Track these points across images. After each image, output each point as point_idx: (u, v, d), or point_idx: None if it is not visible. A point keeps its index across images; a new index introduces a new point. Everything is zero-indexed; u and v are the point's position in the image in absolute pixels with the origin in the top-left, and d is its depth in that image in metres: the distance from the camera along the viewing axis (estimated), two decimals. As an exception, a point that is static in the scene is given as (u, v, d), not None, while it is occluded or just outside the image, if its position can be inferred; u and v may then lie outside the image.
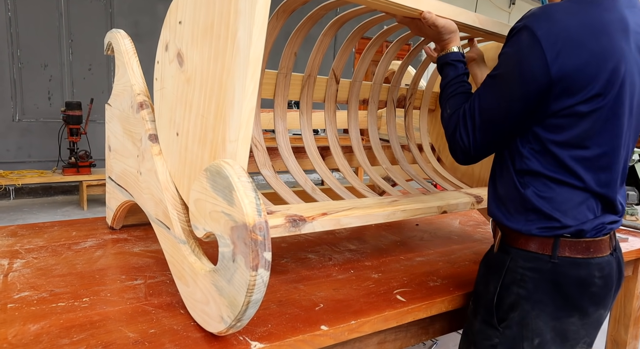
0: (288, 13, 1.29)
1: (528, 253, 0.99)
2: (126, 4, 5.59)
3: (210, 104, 0.93)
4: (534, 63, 0.90)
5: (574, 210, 0.96)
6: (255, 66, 0.83)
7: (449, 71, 1.13)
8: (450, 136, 1.05)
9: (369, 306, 1.09)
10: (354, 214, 1.10)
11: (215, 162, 0.86)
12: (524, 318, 0.99)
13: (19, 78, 5.14)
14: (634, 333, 1.82)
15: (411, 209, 1.23)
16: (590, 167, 0.96)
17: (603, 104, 0.92)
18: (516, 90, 0.93)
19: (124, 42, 1.32)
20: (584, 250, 0.97)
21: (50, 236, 1.50)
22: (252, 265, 0.75)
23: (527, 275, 0.99)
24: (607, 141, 0.95)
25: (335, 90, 1.60)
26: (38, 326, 0.93)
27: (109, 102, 1.43)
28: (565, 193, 0.96)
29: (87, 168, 4.88)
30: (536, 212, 0.98)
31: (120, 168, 1.36)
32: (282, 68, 1.45)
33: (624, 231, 1.82)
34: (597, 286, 0.98)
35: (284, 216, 0.99)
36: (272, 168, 1.30)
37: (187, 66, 1.00)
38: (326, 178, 1.41)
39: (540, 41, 0.89)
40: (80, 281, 1.16)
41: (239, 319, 0.82)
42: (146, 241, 1.49)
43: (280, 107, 1.48)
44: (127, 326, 0.94)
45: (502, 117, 0.96)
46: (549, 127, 0.94)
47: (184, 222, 1.02)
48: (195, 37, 0.97)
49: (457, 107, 1.06)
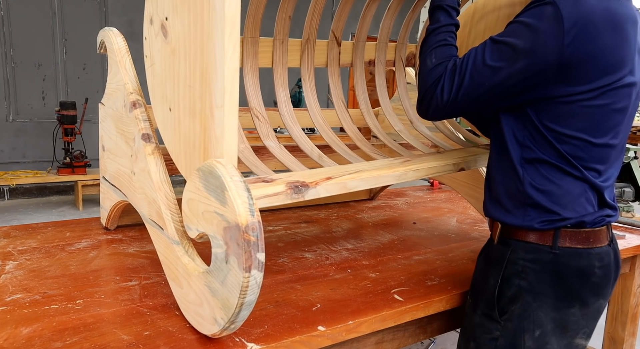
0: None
1: (528, 244, 0.99)
2: (120, 3, 5.56)
3: (195, 72, 0.91)
4: (549, 40, 0.87)
5: (573, 203, 0.96)
6: (233, 24, 0.80)
7: (441, 16, 1.07)
8: (429, 88, 1.00)
9: (367, 306, 1.08)
10: (361, 177, 1.04)
11: (207, 162, 0.84)
12: (525, 310, 0.98)
13: (12, 78, 5.10)
14: (631, 330, 1.82)
15: (424, 168, 1.16)
16: (589, 158, 0.95)
17: (606, 98, 0.91)
18: (521, 61, 0.89)
19: (117, 40, 1.30)
20: (584, 240, 0.97)
21: (44, 237, 1.48)
22: (245, 266, 0.74)
23: (528, 267, 0.98)
24: (607, 135, 0.95)
25: (338, 53, 1.53)
26: (30, 329, 0.92)
27: (102, 101, 1.42)
28: (563, 185, 0.95)
29: (82, 168, 4.85)
30: (535, 207, 0.97)
31: (114, 168, 1.35)
32: (278, 34, 1.39)
33: (621, 228, 1.82)
34: (597, 276, 0.98)
35: (284, 183, 0.94)
36: (275, 139, 1.25)
37: (170, 36, 0.97)
38: (333, 144, 1.34)
39: (563, 20, 0.86)
40: (74, 282, 1.15)
41: (232, 322, 0.81)
42: (141, 241, 1.47)
43: (280, 75, 1.42)
44: (121, 329, 0.93)
45: (494, 84, 0.93)
46: (547, 113, 0.93)
47: (178, 222, 1.01)
48: (175, 4, 0.94)
49: (444, 59, 1.01)
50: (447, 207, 2.14)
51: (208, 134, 0.89)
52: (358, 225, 1.73)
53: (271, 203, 0.91)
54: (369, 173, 1.07)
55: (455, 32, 1.08)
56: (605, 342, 1.88)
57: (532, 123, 0.95)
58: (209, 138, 0.89)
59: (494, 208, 1.05)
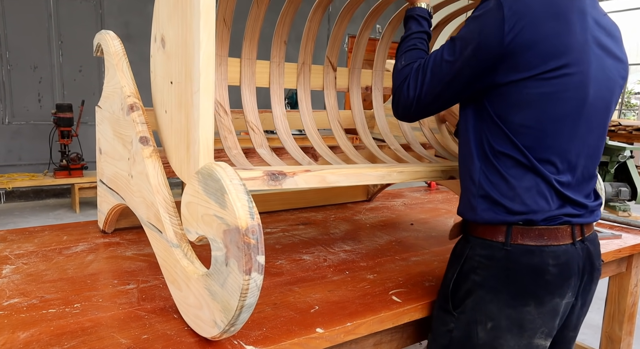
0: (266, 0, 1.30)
1: (484, 240, 1.01)
2: (116, 5, 5.55)
3: (182, 68, 0.97)
4: (492, 30, 0.92)
5: (522, 196, 0.96)
6: (207, 14, 0.87)
7: (412, 25, 1.15)
8: (398, 87, 1.06)
9: (365, 308, 1.08)
10: (342, 172, 1.07)
11: (206, 165, 0.84)
12: (478, 303, 1.00)
13: (8, 81, 5.08)
14: (628, 329, 1.83)
15: (410, 171, 1.19)
16: (542, 150, 0.96)
17: (551, 86, 0.92)
18: (470, 53, 0.95)
19: (114, 43, 1.30)
20: (537, 237, 0.97)
21: (41, 241, 1.48)
22: (245, 269, 0.74)
23: (482, 262, 1.00)
24: (559, 125, 0.95)
25: (334, 78, 1.59)
26: (28, 333, 0.91)
27: (99, 104, 1.41)
28: (513, 177, 0.96)
29: (79, 170, 4.84)
30: (485, 199, 0.99)
31: (112, 171, 1.34)
32: (274, 58, 1.46)
33: (617, 227, 1.83)
34: (552, 274, 0.97)
35: (262, 170, 0.97)
36: (268, 148, 1.28)
37: (167, 45, 1.04)
38: (326, 157, 1.37)
39: (503, 9, 0.91)
40: (72, 286, 1.14)
41: (232, 324, 0.81)
42: (139, 244, 1.47)
43: (277, 94, 1.47)
44: (120, 332, 0.93)
45: (451, 77, 0.98)
46: (499, 102, 0.96)
47: (176, 225, 1.01)
48: (170, 14, 1.01)
49: (412, 60, 1.07)
50: (445, 208, 2.14)
51: (189, 121, 0.94)
52: (355, 226, 1.73)
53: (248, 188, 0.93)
54: (351, 170, 1.09)
55: (426, 39, 1.15)
56: (602, 341, 1.88)
57: (488, 114, 0.98)
58: (189, 125, 0.94)
59: (461, 204, 1.07)
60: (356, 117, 1.60)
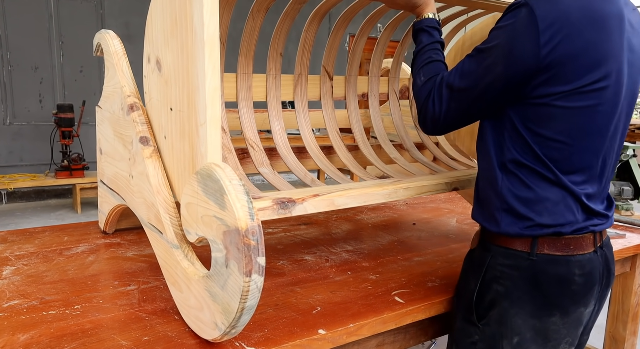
0: (262, 12, 1.29)
1: (507, 250, 0.98)
2: (117, 5, 5.55)
3: (183, 96, 0.96)
4: (525, 43, 0.87)
5: (550, 210, 0.93)
6: (211, 45, 0.85)
7: (423, 37, 1.10)
8: (423, 103, 1.03)
9: (367, 309, 1.07)
10: (349, 194, 1.06)
11: (205, 165, 0.84)
12: (503, 315, 0.97)
13: (9, 81, 5.08)
14: (632, 329, 1.82)
15: (415, 187, 1.18)
16: (569, 163, 0.93)
17: (588, 100, 0.89)
18: (501, 67, 0.90)
19: (113, 43, 1.29)
20: (563, 247, 0.95)
21: (41, 241, 1.47)
22: (245, 271, 0.73)
23: (505, 272, 0.97)
24: (588, 139, 0.92)
25: (330, 87, 1.58)
26: (28, 335, 0.91)
27: (99, 104, 1.41)
28: (539, 190, 0.93)
29: (80, 171, 4.84)
30: (511, 213, 0.95)
31: (112, 171, 1.34)
32: (270, 70, 1.45)
33: (621, 227, 1.82)
34: (578, 284, 0.95)
35: (271, 199, 0.97)
36: (269, 166, 1.28)
37: (164, 69, 1.02)
38: (329, 172, 1.36)
39: (537, 21, 0.86)
40: (72, 287, 1.14)
41: (233, 326, 0.80)
42: (139, 245, 1.46)
43: (274, 108, 1.46)
44: (120, 334, 0.92)
45: (480, 92, 0.94)
46: (527, 114, 0.92)
47: (177, 226, 1.00)
48: (166, 38, 1.00)
49: (433, 74, 1.03)
50: (447, 207, 2.13)
51: (195, 152, 0.93)
52: (357, 226, 1.73)
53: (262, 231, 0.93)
54: (358, 191, 1.10)
55: (440, 49, 1.10)
56: (606, 341, 1.87)
57: (512, 125, 0.94)
58: (195, 155, 0.93)
59: (477, 212, 1.04)
60: (354, 127, 1.60)
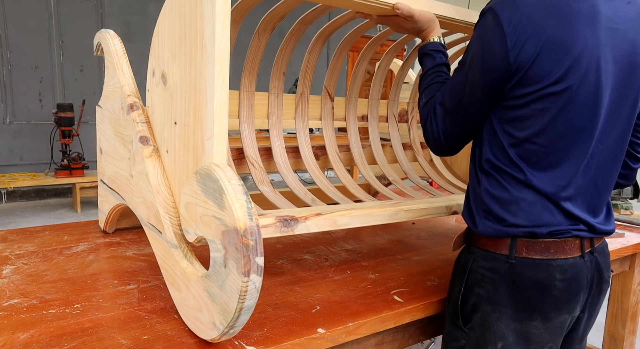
0: (268, 31, 1.30)
1: (487, 252, 0.97)
2: (117, 4, 5.54)
3: (189, 110, 0.95)
4: (495, 48, 0.88)
5: (525, 211, 0.92)
6: (222, 60, 0.85)
7: (427, 61, 1.12)
8: (424, 125, 1.04)
9: (367, 308, 1.08)
10: (352, 214, 1.08)
11: (205, 165, 0.84)
12: (486, 319, 0.97)
13: (9, 81, 5.08)
14: (631, 328, 1.82)
15: (417, 209, 1.20)
16: (542, 165, 0.91)
17: (557, 101, 0.88)
18: (479, 76, 0.91)
19: (114, 42, 1.30)
20: (543, 250, 0.93)
21: (41, 241, 1.47)
22: (243, 271, 0.74)
23: (486, 276, 0.97)
24: (565, 141, 0.90)
25: (331, 107, 1.59)
26: (28, 334, 0.91)
27: (99, 103, 1.41)
28: (514, 191, 0.93)
29: (80, 170, 4.85)
30: (487, 212, 0.96)
31: (112, 171, 1.34)
32: (273, 89, 1.46)
33: (620, 226, 1.82)
34: (559, 289, 0.93)
35: (274, 216, 0.97)
36: (270, 184, 1.28)
37: (169, 83, 1.02)
38: (329, 192, 1.37)
39: (502, 25, 0.87)
40: (72, 287, 1.14)
41: (231, 326, 0.80)
42: (139, 244, 1.46)
43: (275, 126, 1.47)
44: (120, 333, 0.93)
45: (467, 104, 0.95)
46: (503, 117, 0.93)
47: (176, 226, 1.00)
48: (173, 52, 1.00)
49: (431, 96, 1.04)
50: (446, 207, 2.13)
51: (199, 166, 0.92)
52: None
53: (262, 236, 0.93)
54: (360, 211, 1.11)
55: (445, 71, 1.10)
56: (605, 340, 1.88)
57: (492, 127, 0.95)
58: None
59: (465, 212, 1.04)
60: (353, 148, 1.61)
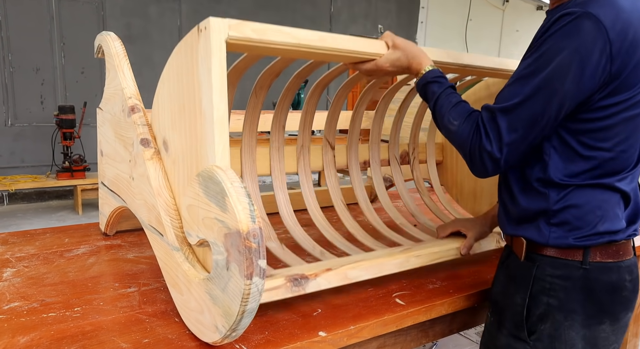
0: (265, 89, 1.32)
1: (556, 259, 0.94)
2: (118, 6, 5.55)
3: (191, 176, 0.95)
4: (598, 57, 0.81)
5: (604, 218, 0.91)
6: (221, 126, 0.85)
7: (433, 88, 1.02)
8: (471, 144, 0.92)
9: (368, 311, 1.07)
10: (362, 266, 1.07)
11: (207, 167, 0.83)
12: (557, 329, 0.94)
13: (10, 83, 5.09)
14: (635, 330, 1.81)
15: (427, 254, 1.20)
16: (620, 171, 0.91)
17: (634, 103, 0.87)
18: (574, 87, 0.83)
19: (114, 44, 1.29)
20: (614, 253, 0.93)
21: (42, 243, 1.47)
22: (246, 273, 0.73)
23: (557, 283, 0.94)
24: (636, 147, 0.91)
25: (333, 156, 1.59)
26: (28, 338, 0.91)
27: (100, 106, 1.41)
28: (592, 200, 0.91)
29: (81, 172, 4.85)
30: (562, 226, 0.92)
31: (113, 173, 1.34)
32: (274, 142, 1.46)
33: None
34: (628, 289, 0.95)
35: (283, 276, 0.96)
36: (277, 240, 1.27)
37: (171, 149, 1.04)
38: (337, 242, 1.35)
39: (607, 31, 0.80)
40: (72, 289, 1.14)
41: (234, 329, 0.80)
42: (140, 247, 1.46)
43: (279, 179, 1.47)
44: (120, 336, 0.92)
45: (549, 117, 0.86)
46: (577, 128, 0.88)
47: (178, 228, 1.00)
48: (174, 121, 1.01)
49: (466, 113, 0.95)
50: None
51: None
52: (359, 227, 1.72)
53: (271, 298, 0.94)
54: (370, 262, 1.10)
55: (455, 92, 1.02)
56: (608, 343, 1.87)
57: (561, 140, 0.90)
58: None
59: (517, 227, 1.00)
60: (358, 195, 1.60)
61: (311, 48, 0.95)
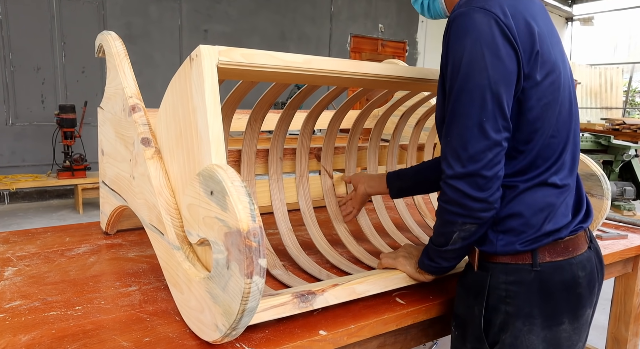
0: (259, 121, 1.34)
1: (508, 265, 0.93)
2: (118, 6, 5.56)
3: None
4: (503, 40, 0.83)
5: (547, 216, 0.91)
6: (217, 146, 0.86)
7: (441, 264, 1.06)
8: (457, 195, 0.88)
9: (368, 310, 1.07)
10: (369, 281, 1.08)
11: (208, 166, 0.84)
12: (517, 337, 0.92)
13: (11, 82, 5.10)
14: (635, 330, 1.81)
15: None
16: (550, 162, 0.92)
17: (546, 88, 0.88)
18: (494, 72, 0.83)
19: (115, 44, 1.30)
20: (563, 251, 0.93)
21: (43, 242, 1.47)
22: (246, 272, 0.73)
23: (511, 290, 0.92)
24: (557, 128, 0.91)
25: (332, 185, 1.60)
26: (29, 336, 0.91)
27: (101, 105, 1.41)
28: (531, 201, 0.91)
29: (82, 171, 4.85)
30: (508, 232, 0.92)
31: (114, 172, 1.34)
32: (272, 175, 1.48)
33: (623, 227, 1.81)
34: (582, 286, 0.93)
35: (290, 293, 0.96)
36: (282, 268, 1.27)
37: (171, 179, 1.05)
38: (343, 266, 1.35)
39: (499, 17, 0.83)
40: (73, 288, 1.14)
41: (234, 328, 0.80)
42: (141, 246, 1.46)
43: (280, 211, 1.47)
44: (121, 335, 0.92)
45: (484, 115, 0.85)
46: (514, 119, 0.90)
47: (178, 227, 1.00)
48: (172, 150, 1.03)
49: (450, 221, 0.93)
50: (448, 208, 2.13)
51: None
52: (358, 227, 1.72)
53: (278, 315, 0.93)
54: (376, 276, 1.10)
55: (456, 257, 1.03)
56: (608, 342, 1.87)
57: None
58: None
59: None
60: (361, 220, 1.61)
61: (297, 69, 0.98)
